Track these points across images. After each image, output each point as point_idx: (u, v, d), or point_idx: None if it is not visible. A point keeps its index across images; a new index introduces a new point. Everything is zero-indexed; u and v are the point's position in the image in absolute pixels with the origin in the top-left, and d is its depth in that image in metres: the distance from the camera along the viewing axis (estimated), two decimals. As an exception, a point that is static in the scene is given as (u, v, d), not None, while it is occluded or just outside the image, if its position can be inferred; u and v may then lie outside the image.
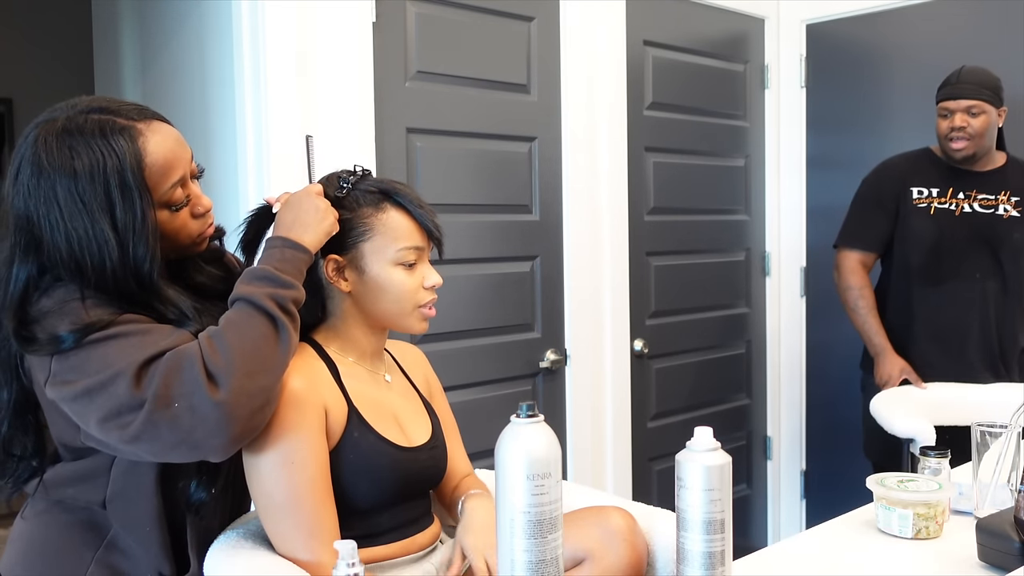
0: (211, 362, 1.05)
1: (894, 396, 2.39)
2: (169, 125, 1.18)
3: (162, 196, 1.14)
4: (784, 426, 3.35)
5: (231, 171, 2.09)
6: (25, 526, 1.25)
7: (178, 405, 1.04)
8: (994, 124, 2.46)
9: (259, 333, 1.10)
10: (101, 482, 1.18)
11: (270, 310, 1.11)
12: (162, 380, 1.04)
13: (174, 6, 2.36)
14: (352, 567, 0.99)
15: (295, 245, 1.18)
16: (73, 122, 1.10)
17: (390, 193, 1.28)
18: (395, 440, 1.28)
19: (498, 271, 2.47)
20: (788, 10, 3.25)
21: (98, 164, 1.08)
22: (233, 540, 1.23)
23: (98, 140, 1.09)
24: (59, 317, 1.08)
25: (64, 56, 4.32)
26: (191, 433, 1.04)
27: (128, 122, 1.12)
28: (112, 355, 1.06)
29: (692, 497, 1.07)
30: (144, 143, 1.12)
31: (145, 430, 1.04)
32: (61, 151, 1.08)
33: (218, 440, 1.06)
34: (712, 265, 3.12)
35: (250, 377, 1.07)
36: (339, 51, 2.11)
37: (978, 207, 2.45)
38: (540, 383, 2.59)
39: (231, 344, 1.07)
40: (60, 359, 1.08)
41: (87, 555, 1.20)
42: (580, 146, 2.62)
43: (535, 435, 1.01)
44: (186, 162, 1.18)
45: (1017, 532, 1.21)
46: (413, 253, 1.27)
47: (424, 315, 1.31)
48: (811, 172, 3.25)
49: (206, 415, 1.04)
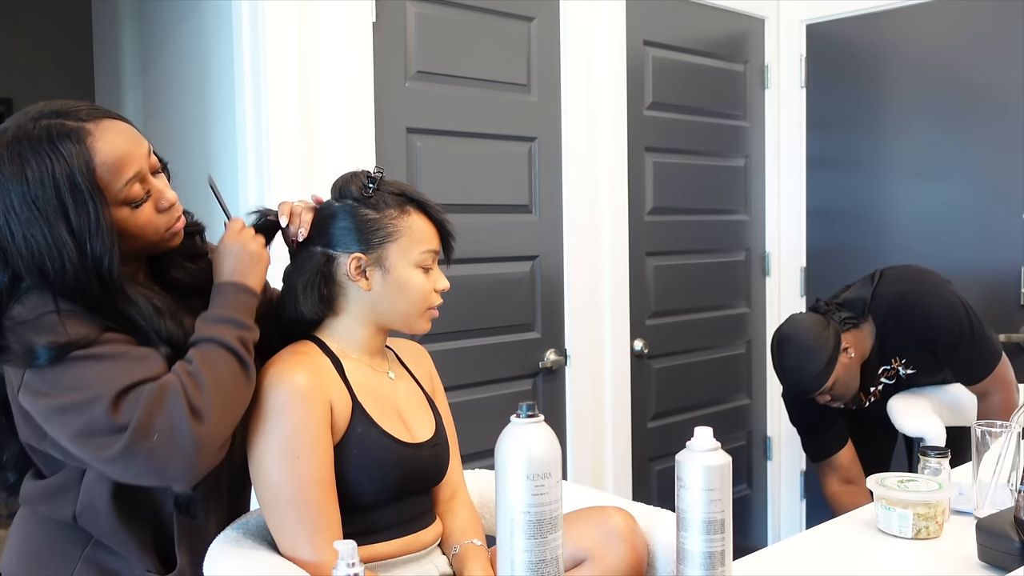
0: (193, 397, 1.09)
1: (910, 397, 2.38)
2: (122, 122, 1.17)
3: (117, 195, 1.14)
4: (784, 426, 3.35)
5: (231, 171, 2.09)
6: (20, 524, 1.27)
7: (158, 437, 1.07)
8: (849, 369, 2.19)
9: (231, 371, 1.14)
10: (71, 496, 1.20)
11: (238, 351, 1.16)
12: (144, 411, 1.07)
13: (174, 6, 2.36)
14: (352, 567, 0.99)
15: (245, 289, 1.23)
16: (22, 130, 1.11)
17: (413, 198, 1.31)
18: (399, 436, 1.28)
19: (498, 271, 2.47)
20: (788, 10, 3.25)
21: (47, 169, 1.08)
22: (233, 538, 1.23)
23: (45, 146, 1.09)
24: (35, 330, 1.09)
25: (64, 56, 4.32)
26: (166, 464, 1.08)
27: (77, 124, 1.12)
28: (90, 377, 1.08)
29: (692, 497, 1.07)
30: (93, 143, 1.12)
31: (122, 456, 1.07)
32: (12, 160, 1.09)
33: (189, 473, 1.10)
34: (712, 265, 3.12)
35: (226, 413, 1.12)
36: (339, 51, 2.11)
37: (884, 380, 2.31)
38: (540, 383, 2.59)
39: (209, 381, 1.11)
40: (34, 371, 1.09)
41: (75, 553, 1.21)
42: (580, 146, 2.62)
43: (535, 435, 1.01)
44: (141, 157, 1.17)
45: (1017, 532, 1.21)
46: (432, 256, 1.32)
47: (431, 316, 1.34)
48: (811, 172, 3.25)
49: (184, 448, 1.08)
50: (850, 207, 3.20)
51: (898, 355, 2.28)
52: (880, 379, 2.31)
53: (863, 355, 2.25)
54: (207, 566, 1.20)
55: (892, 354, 2.28)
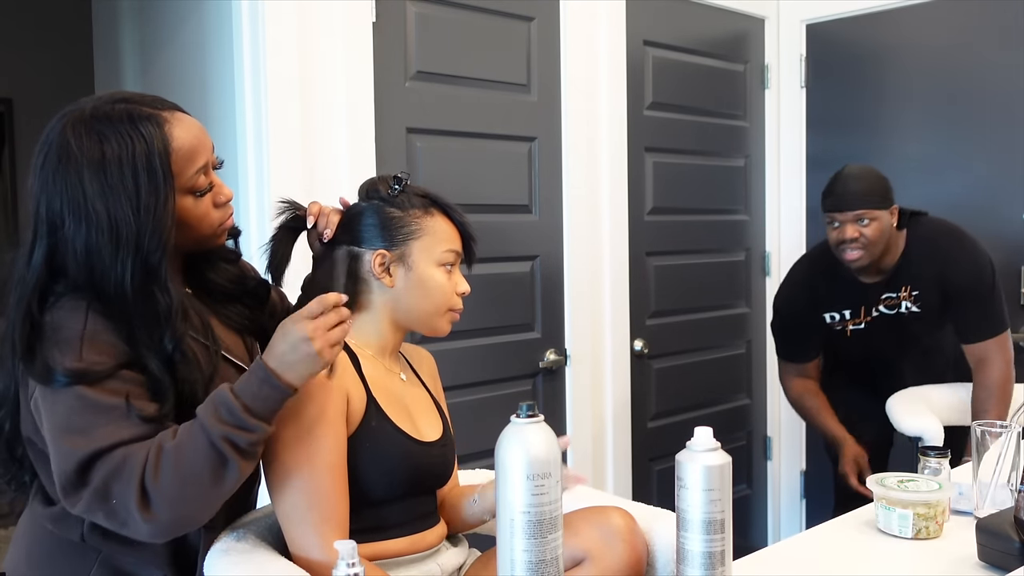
0: (149, 481, 1.07)
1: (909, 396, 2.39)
2: (190, 116, 1.21)
3: (187, 182, 1.17)
4: (784, 426, 3.35)
5: (231, 171, 2.09)
6: (28, 525, 1.25)
7: (115, 502, 1.07)
8: (887, 226, 2.26)
9: (204, 468, 1.08)
10: (74, 521, 1.19)
11: (223, 450, 1.08)
12: (103, 478, 1.07)
13: (174, 6, 2.36)
14: (352, 567, 0.99)
15: (277, 386, 1.10)
16: (100, 110, 1.13)
17: (437, 200, 1.35)
18: (410, 433, 1.30)
19: (498, 271, 2.47)
20: (788, 10, 3.25)
21: (127, 148, 1.11)
22: (232, 541, 1.23)
23: (126, 126, 1.12)
24: (59, 348, 1.09)
25: (64, 56, 4.32)
26: (124, 526, 1.09)
27: (153, 111, 1.15)
28: (80, 422, 1.08)
29: (692, 497, 1.07)
30: (170, 129, 1.15)
31: (86, 510, 1.09)
32: (90, 137, 1.11)
33: (148, 537, 1.11)
34: (712, 265, 3.12)
35: (179, 506, 1.09)
36: (339, 51, 2.11)
37: (884, 308, 2.36)
38: (540, 383, 2.59)
39: (174, 470, 1.07)
40: (43, 388, 1.10)
41: (91, 555, 1.20)
42: (580, 146, 2.62)
43: (535, 435, 1.01)
44: (209, 150, 1.21)
45: (1017, 532, 1.21)
46: (454, 256, 1.34)
47: (452, 318, 1.37)
48: (811, 172, 3.25)
49: (137, 521, 1.08)
50: (850, 207, 3.19)
51: (910, 284, 2.31)
52: (880, 303, 2.33)
53: (893, 250, 2.31)
54: (207, 567, 1.20)
55: (905, 282, 2.31)
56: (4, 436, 1.21)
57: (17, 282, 1.14)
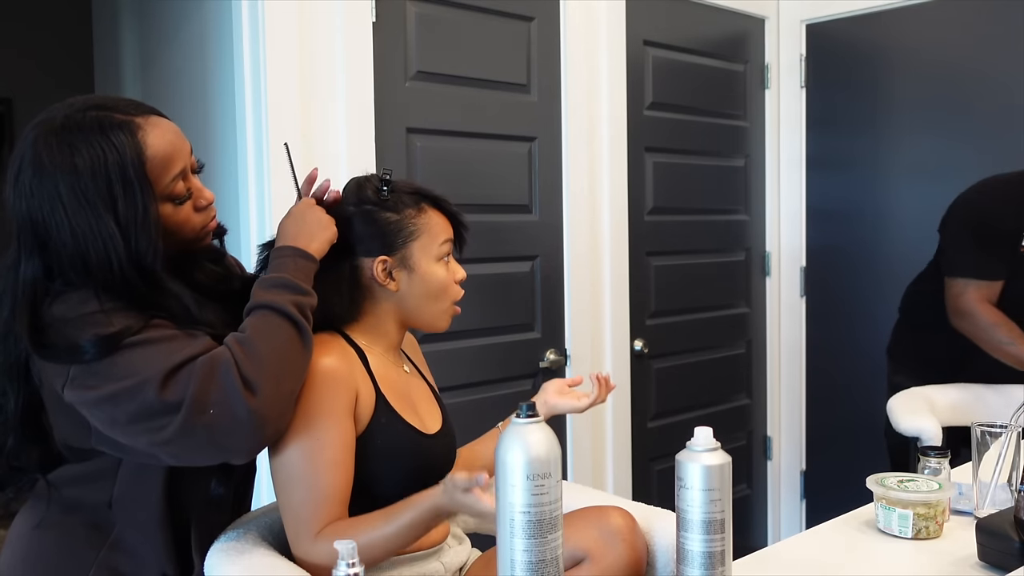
0: (245, 369, 1.07)
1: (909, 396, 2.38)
2: (167, 119, 1.18)
3: (164, 189, 1.15)
4: (784, 426, 3.36)
5: (231, 171, 2.09)
6: (24, 527, 1.25)
7: (214, 411, 1.05)
8: None
9: (287, 338, 1.12)
10: (107, 483, 1.18)
11: (294, 316, 1.13)
12: (198, 386, 1.05)
13: (174, 6, 2.36)
14: (352, 567, 0.99)
15: (305, 255, 1.21)
16: (71, 120, 1.10)
17: (426, 194, 1.35)
18: (417, 427, 1.31)
19: (498, 271, 2.47)
20: (788, 10, 3.25)
21: (99, 160, 1.08)
22: (233, 540, 1.23)
23: (97, 136, 1.09)
24: (78, 327, 1.08)
25: (64, 56, 4.32)
26: (226, 437, 1.06)
27: (126, 117, 1.12)
28: (138, 361, 1.06)
29: (692, 497, 1.07)
30: (144, 137, 1.12)
31: (180, 434, 1.05)
32: (61, 149, 1.08)
33: (249, 444, 1.09)
34: (712, 265, 3.12)
35: (281, 382, 1.10)
36: (339, 51, 2.11)
37: None
38: (540, 383, 2.58)
39: (262, 351, 1.09)
40: (81, 366, 1.08)
41: (89, 557, 1.19)
42: (580, 146, 2.62)
43: (535, 435, 1.01)
44: (186, 155, 1.18)
45: (1017, 532, 1.21)
46: (449, 246, 1.35)
47: (453, 312, 1.38)
48: (811, 172, 3.25)
49: (242, 420, 1.06)
50: (850, 207, 3.20)
51: None
52: None
53: None
54: (208, 567, 1.20)
55: None
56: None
57: (5, 294, 1.12)
